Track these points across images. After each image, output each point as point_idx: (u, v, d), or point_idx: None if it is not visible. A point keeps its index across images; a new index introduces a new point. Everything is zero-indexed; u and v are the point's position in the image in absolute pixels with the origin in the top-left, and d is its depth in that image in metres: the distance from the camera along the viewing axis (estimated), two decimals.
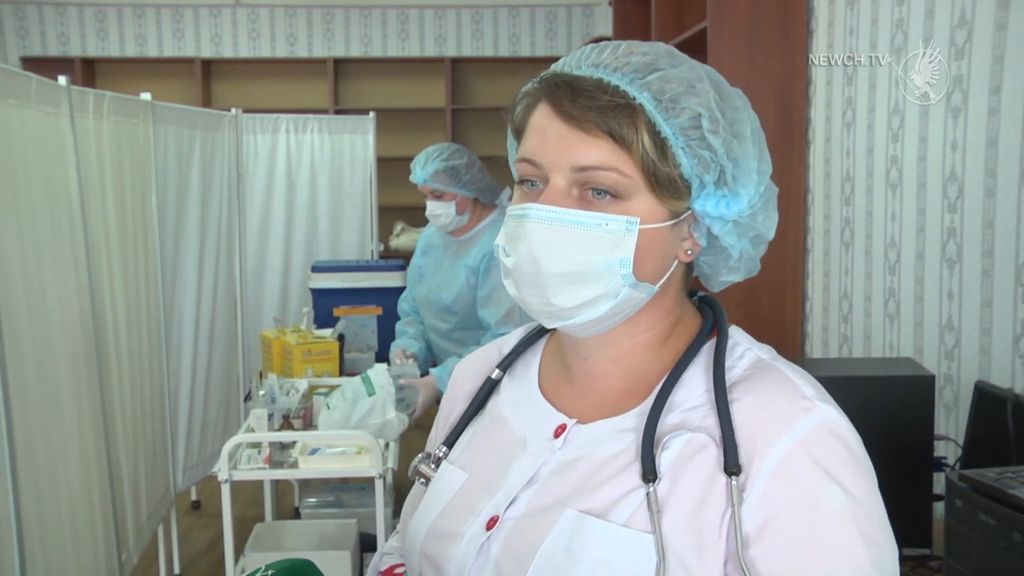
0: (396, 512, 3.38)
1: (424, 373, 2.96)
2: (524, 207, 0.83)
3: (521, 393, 0.96)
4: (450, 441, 0.98)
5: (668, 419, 0.83)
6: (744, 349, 0.87)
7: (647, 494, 0.79)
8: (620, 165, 0.80)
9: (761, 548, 0.76)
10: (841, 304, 2.79)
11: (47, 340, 2.35)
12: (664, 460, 0.80)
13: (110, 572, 2.71)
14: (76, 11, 6.66)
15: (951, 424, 2.13)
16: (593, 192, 0.81)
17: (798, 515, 0.76)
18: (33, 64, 6.46)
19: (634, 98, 0.80)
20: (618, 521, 0.79)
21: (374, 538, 2.67)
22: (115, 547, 2.76)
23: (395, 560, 1.08)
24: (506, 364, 0.99)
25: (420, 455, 0.99)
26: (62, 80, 2.55)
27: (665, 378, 0.85)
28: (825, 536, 0.76)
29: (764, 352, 0.87)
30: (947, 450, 2.04)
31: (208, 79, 6.78)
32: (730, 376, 0.83)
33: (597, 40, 6.19)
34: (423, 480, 0.97)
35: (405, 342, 3.09)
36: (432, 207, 2.89)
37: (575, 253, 0.81)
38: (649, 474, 0.79)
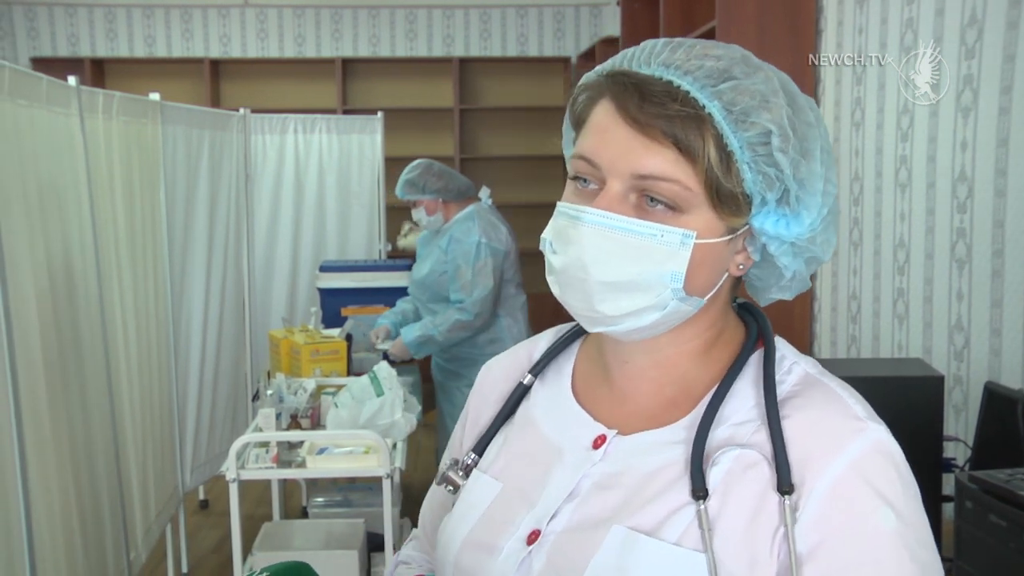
0: (404, 512, 3.38)
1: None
2: (579, 209, 0.80)
3: (554, 399, 0.93)
4: (479, 448, 0.95)
5: (716, 433, 0.81)
6: (791, 363, 0.85)
7: (698, 512, 0.77)
8: (683, 177, 0.77)
9: (813, 569, 0.75)
10: (850, 304, 2.78)
11: (56, 340, 2.36)
12: (714, 476, 0.78)
13: (119, 571, 2.72)
14: (86, 11, 6.68)
15: (960, 425, 2.12)
16: (649, 200, 0.78)
17: (851, 538, 0.75)
18: (43, 64, 6.47)
19: (704, 107, 0.77)
20: (669, 540, 0.78)
21: (381, 537, 2.67)
22: (123, 546, 2.76)
23: (414, 571, 1.05)
24: (538, 369, 0.96)
25: (448, 461, 0.96)
26: (72, 80, 2.56)
27: (714, 390, 0.83)
28: (877, 560, 0.75)
29: (811, 366, 0.85)
30: (956, 451, 2.03)
31: (217, 79, 6.79)
32: (779, 391, 0.82)
33: (605, 41, 6.12)
34: (451, 488, 0.94)
35: (386, 319, 3.70)
36: (413, 215, 3.59)
37: (627, 263, 0.78)
38: (699, 491, 0.77)
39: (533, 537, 0.84)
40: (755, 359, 0.85)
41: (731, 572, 0.75)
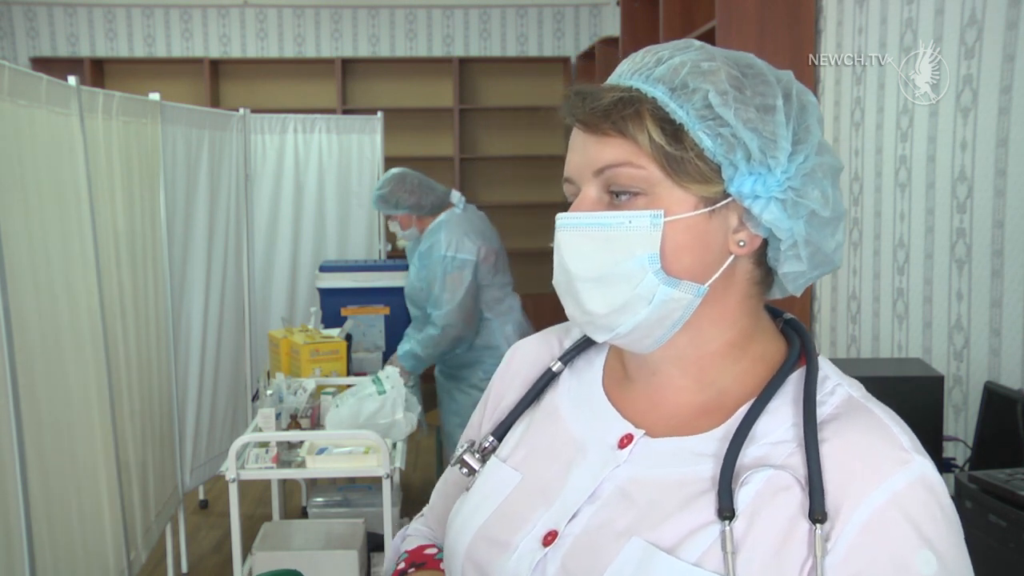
0: (403, 512, 3.38)
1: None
2: (558, 218, 0.81)
3: (583, 391, 0.90)
4: (500, 432, 0.92)
5: (749, 451, 0.77)
6: (835, 384, 0.81)
7: (722, 532, 0.73)
8: (632, 159, 0.77)
9: None
10: (849, 304, 2.78)
11: (56, 340, 2.36)
12: (742, 497, 0.75)
13: (119, 570, 2.72)
14: (85, 11, 6.68)
15: (960, 425, 2.12)
16: (617, 194, 0.79)
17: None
18: (43, 64, 6.47)
19: (647, 93, 0.78)
20: (689, 559, 0.74)
21: (381, 537, 2.67)
22: (123, 546, 2.76)
23: (423, 541, 1.04)
24: (568, 357, 0.93)
25: (465, 443, 0.94)
26: (72, 80, 2.56)
27: (750, 405, 0.79)
28: None
29: (855, 389, 0.81)
30: (956, 451, 2.03)
31: (216, 79, 6.79)
32: (820, 412, 0.77)
33: (605, 41, 6.08)
34: (466, 471, 0.91)
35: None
36: (389, 226, 3.59)
37: (602, 255, 0.78)
38: (727, 511, 0.74)
39: (550, 538, 0.81)
40: (796, 377, 0.81)
41: None
